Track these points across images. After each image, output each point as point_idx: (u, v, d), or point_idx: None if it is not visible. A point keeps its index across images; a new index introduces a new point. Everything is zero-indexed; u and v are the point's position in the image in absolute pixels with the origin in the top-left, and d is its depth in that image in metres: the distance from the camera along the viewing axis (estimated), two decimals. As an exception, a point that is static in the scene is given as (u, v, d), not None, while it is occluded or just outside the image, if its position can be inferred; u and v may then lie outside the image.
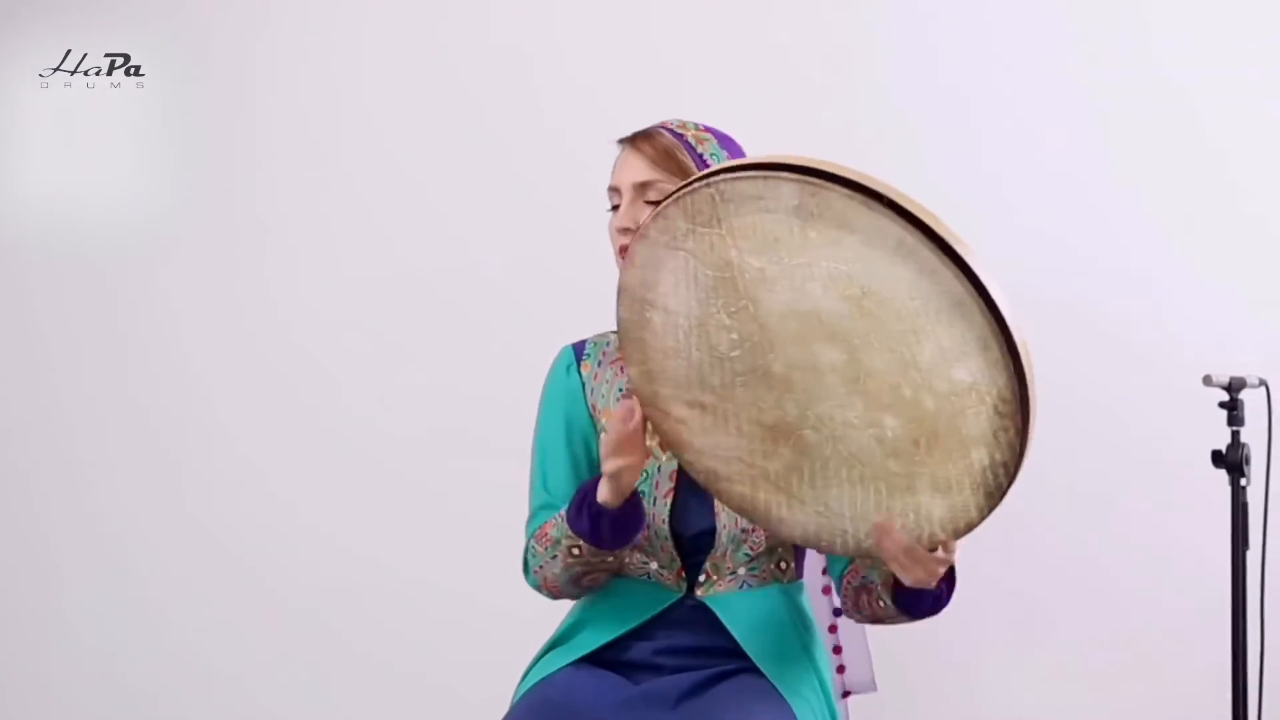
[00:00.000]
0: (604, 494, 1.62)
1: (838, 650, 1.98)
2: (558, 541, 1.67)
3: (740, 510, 1.64)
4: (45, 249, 2.87)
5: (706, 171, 1.44)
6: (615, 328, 1.61)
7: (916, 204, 1.33)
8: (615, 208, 1.74)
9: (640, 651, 1.74)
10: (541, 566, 1.71)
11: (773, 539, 1.73)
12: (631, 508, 1.65)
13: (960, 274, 1.32)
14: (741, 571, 1.75)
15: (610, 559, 1.69)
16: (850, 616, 1.78)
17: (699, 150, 1.71)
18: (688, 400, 1.56)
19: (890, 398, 1.43)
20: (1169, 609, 2.55)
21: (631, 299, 1.55)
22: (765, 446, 1.55)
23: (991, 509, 1.45)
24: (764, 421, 1.53)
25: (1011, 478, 1.42)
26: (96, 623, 2.80)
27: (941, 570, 1.51)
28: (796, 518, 1.59)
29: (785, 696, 1.66)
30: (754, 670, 1.70)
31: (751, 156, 1.41)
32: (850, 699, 2.02)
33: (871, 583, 1.67)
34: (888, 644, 2.11)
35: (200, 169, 2.84)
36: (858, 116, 2.64)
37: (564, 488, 1.76)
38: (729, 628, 1.71)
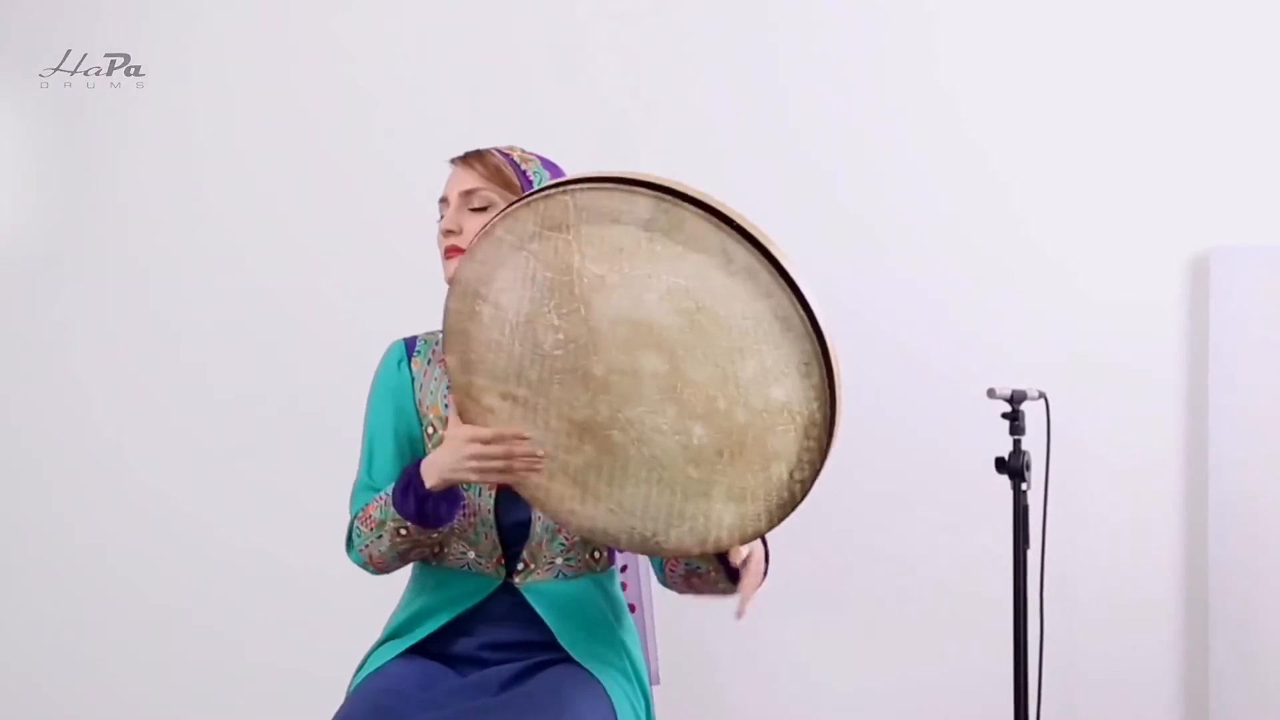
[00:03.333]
0: (432, 482, 1.69)
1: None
2: (382, 523, 1.76)
3: (533, 500, 1.69)
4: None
5: (565, 179, 1.51)
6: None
7: (761, 231, 1.43)
8: (444, 217, 1.84)
9: (466, 646, 1.84)
10: (367, 545, 1.80)
11: (563, 530, 1.82)
12: (453, 491, 1.74)
13: (795, 300, 1.43)
14: (559, 561, 1.85)
15: (435, 535, 1.78)
16: (683, 594, 1.89)
17: (524, 168, 1.83)
18: (501, 392, 1.61)
19: (704, 408, 1.52)
20: (957, 604, 2.74)
21: (464, 291, 1.58)
22: (570, 442, 1.61)
23: (781, 520, 1.57)
24: (573, 418, 1.59)
25: (805, 493, 1.54)
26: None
27: (760, 568, 1.68)
28: (588, 512, 1.66)
29: (601, 682, 1.77)
30: (572, 660, 1.81)
31: (612, 170, 1.48)
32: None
33: (700, 569, 1.78)
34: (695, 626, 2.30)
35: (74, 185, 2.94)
36: (665, 144, 2.78)
37: (387, 472, 1.87)
38: (545, 619, 1.81)
